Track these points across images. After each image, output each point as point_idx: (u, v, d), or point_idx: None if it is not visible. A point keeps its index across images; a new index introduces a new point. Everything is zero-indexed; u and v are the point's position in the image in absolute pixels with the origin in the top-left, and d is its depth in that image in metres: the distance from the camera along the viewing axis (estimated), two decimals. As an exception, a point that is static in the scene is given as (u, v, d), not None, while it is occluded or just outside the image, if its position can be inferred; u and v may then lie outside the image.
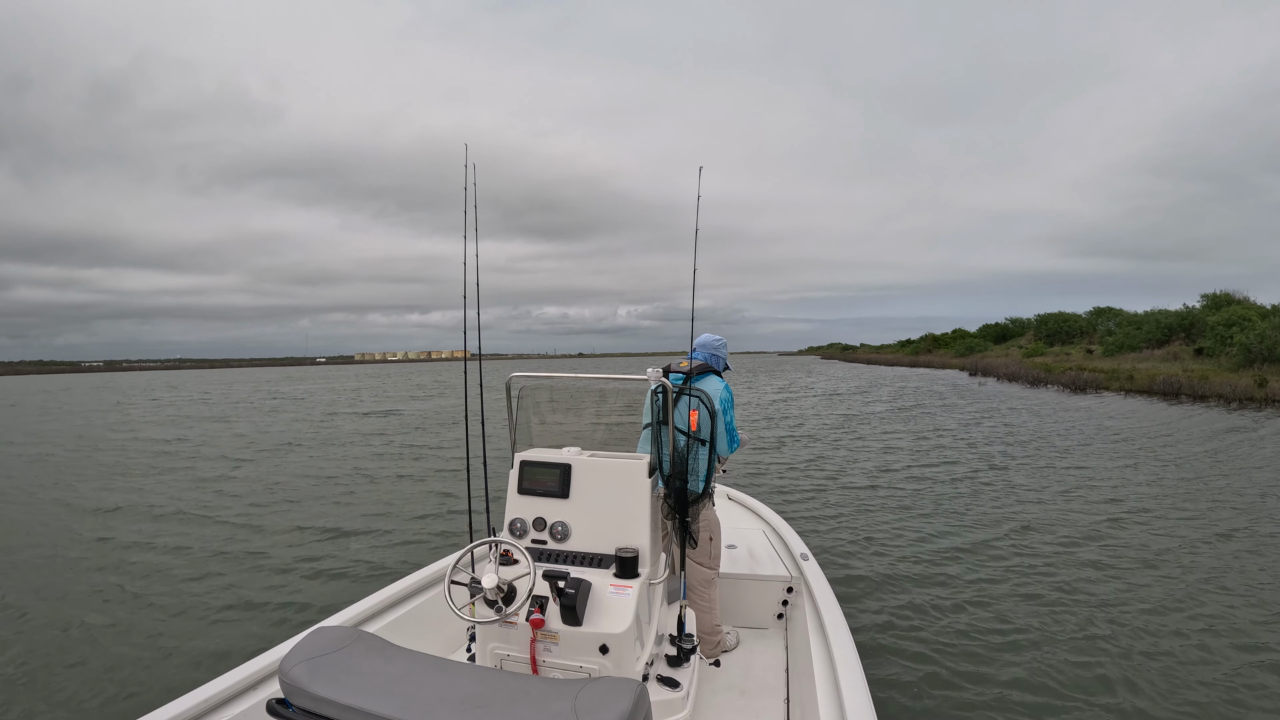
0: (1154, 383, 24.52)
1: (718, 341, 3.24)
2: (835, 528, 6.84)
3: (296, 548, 6.49)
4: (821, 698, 2.27)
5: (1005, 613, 4.63)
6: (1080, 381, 27.87)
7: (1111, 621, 4.47)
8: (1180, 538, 6.35)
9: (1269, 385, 20.82)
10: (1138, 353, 35.55)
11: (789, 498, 8.25)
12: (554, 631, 2.18)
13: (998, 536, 6.46)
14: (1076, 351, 43.39)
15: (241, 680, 2.21)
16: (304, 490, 9.37)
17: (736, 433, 3.10)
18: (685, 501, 2.71)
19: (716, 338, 3.25)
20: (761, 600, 3.54)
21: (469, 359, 3.04)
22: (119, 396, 38.25)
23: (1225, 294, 35.03)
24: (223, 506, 8.38)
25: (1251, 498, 7.97)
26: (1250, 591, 4.99)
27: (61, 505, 8.72)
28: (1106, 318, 46.66)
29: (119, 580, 5.67)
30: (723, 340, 3.26)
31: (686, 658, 2.56)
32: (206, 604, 5.08)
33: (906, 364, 66.37)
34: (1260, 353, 25.06)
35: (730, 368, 3.31)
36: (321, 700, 1.43)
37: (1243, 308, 31.09)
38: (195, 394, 39.48)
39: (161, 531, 7.22)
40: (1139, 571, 5.46)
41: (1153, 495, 8.16)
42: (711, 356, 3.19)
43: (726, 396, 3.05)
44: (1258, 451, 11.36)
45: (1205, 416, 16.63)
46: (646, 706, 1.47)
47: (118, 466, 11.95)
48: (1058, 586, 5.12)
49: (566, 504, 2.56)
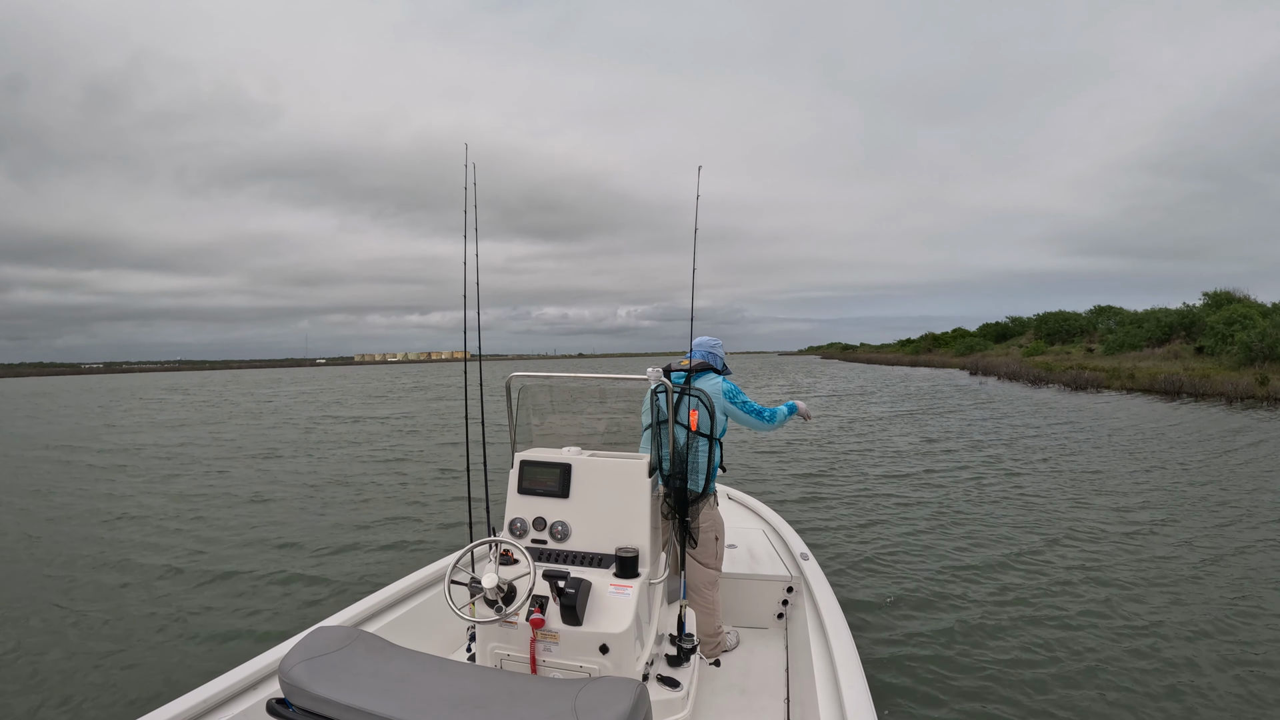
0: (1155, 381, 24.53)
1: (713, 342, 3.31)
2: (835, 528, 6.84)
3: (297, 547, 6.50)
4: (821, 698, 2.27)
5: (1006, 612, 4.63)
6: (1081, 380, 27.89)
7: (1113, 623, 4.47)
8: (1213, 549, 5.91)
9: (1270, 384, 20.82)
10: (1138, 351, 35.56)
11: (788, 498, 8.25)
12: (554, 631, 2.18)
13: (1000, 538, 6.46)
14: (1077, 350, 43.40)
15: (241, 680, 2.21)
16: (298, 491, 9.38)
17: (764, 409, 3.13)
18: (685, 501, 2.71)
19: (712, 339, 3.31)
20: (762, 600, 3.54)
21: (469, 359, 3.04)
22: (110, 399, 38.15)
23: (1225, 292, 35.04)
24: (223, 503, 8.41)
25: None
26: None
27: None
28: (1107, 316, 46.69)
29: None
30: (718, 341, 3.33)
31: (686, 658, 2.55)
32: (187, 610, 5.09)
33: (907, 363, 66.40)
34: (1261, 351, 25.09)
35: (729, 369, 3.34)
36: (321, 700, 1.43)
37: (1244, 306, 31.10)
38: (201, 396, 39.41)
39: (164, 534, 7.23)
40: (1150, 575, 5.38)
41: (1175, 500, 8.09)
42: (709, 355, 3.23)
43: (729, 388, 3.09)
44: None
45: (1211, 415, 16.52)
46: (646, 706, 1.47)
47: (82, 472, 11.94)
48: (1060, 587, 5.11)
49: (566, 504, 2.56)
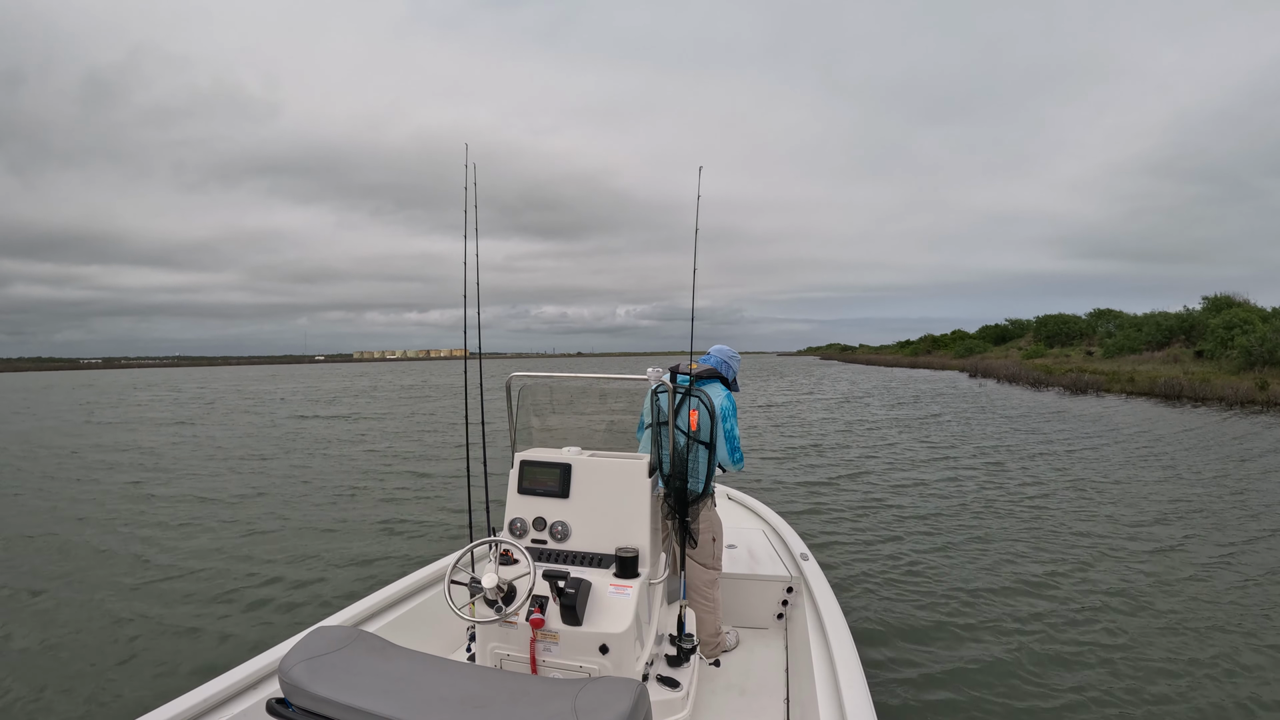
0: (1155, 385, 24.52)
1: (730, 353, 3.26)
2: (837, 528, 6.84)
3: (294, 547, 6.50)
4: (821, 698, 2.27)
5: (1007, 612, 4.62)
6: (1081, 383, 27.86)
7: (1114, 623, 4.47)
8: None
9: (1270, 388, 20.83)
10: (1138, 355, 35.55)
11: (786, 498, 8.25)
12: (554, 631, 2.18)
13: (1005, 540, 6.46)
14: (1076, 353, 43.41)
15: (241, 680, 2.21)
16: (292, 490, 9.37)
17: (739, 445, 3.04)
18: (685, 501, 2.70)
19: (730, 350, 3.27)
20: (761, 600, 3.54)
21: (469, 358, 3.04)
22: (98, 395, 38.10)
23: (1225, 296, 35.02)
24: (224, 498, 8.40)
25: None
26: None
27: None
28: (1106, 320, 46.66)
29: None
30: (736, 354, 3.28)
31: (686, 658, 2.56)
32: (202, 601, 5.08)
33: (906, 365, 66.43)
34: (1261, 355, 25.09)
35: (737, 385, 3.30)
36: (321, 700, 1.42)
37: (1244, 310, 31.08)
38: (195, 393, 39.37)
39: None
40: (1162, 581, 5.37)
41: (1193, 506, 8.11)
42: (722, 364, 3.21)
43: (728, 405, 3.04)
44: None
45: (1219, 419, 16.43)
46: (646, 706, 1.47)
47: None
48: (1062, 589, 5.11)
49: (566, 504, 2.56)
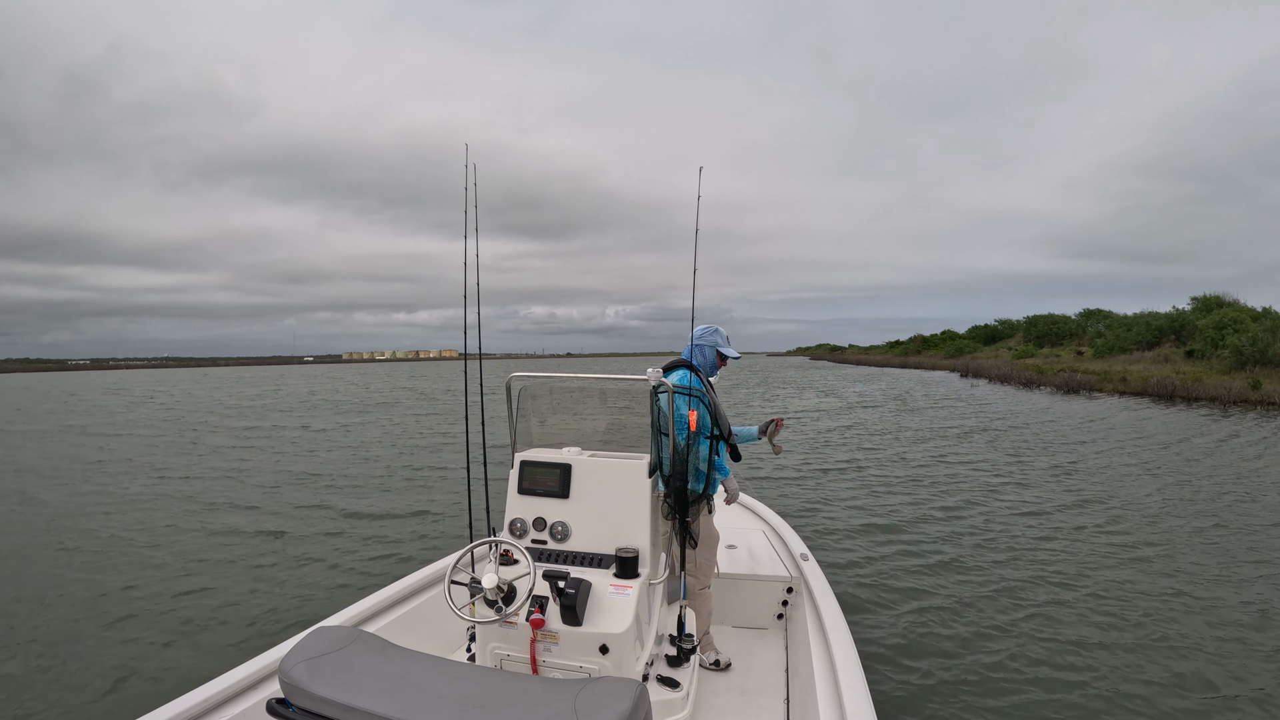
0: (1148, 384, 24.69)
1: (702, 330, 3.00)
2: (835, 529, 6.85)
3: (296, 545, 6.45)
4: (821, 698, 2.27)
5: (1007, 612, 4.64)
6: (1074, 383, 28.00)
7: (1116, 624, 4.49)
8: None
9: (1263, 388, 21.05)
10: (1128, 354, 35.83)
11: (787, 497, 8.27)
12: (554, 631, 2.18)
13: (1006, 541, 6.47)
14: (1066, 353, 43.72)
15: (241, 680, 2.20)
16: (298, 490, 9.32)
17: (685, 431, 2.64)
18: (685, 501, 2.68)
19: (706, 327, 3.03)
20: (761, 600, 3.55)
21: (468, 358, 3.03)
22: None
23: (1215, 296, 35.39)
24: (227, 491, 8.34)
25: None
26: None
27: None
28: (1096, 320, 47.00)
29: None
30: (712, 328, 3.01)
31: (686, 658, 2.55)
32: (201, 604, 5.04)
33: (897, 365, 66.68)
34: (1252, 355, 25.35)
35: (711, 367, 3.04)
36: (321, 700, 1.42)
37: (1234, 310, 31.38)
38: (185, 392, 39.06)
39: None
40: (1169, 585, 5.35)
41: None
42: (697, 348, 3.02)
43: (679, 385, 2.74)
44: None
45: (1221, 421, 16.54)
46: (646, 706, 1.47)
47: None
48: (1062, 590, 5.12)
49: (566, 504, 2.55)
